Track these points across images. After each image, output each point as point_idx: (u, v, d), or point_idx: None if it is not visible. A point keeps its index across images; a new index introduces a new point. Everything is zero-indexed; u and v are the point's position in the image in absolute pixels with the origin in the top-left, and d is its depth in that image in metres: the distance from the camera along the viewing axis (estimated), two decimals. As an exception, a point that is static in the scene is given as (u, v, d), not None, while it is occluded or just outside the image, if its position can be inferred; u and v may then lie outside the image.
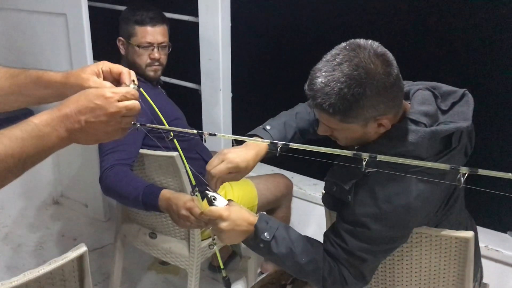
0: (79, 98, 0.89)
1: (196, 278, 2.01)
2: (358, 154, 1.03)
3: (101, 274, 2.58)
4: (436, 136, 1.22)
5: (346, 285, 1.30)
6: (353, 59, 1.14)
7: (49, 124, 0.85)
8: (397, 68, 1.19)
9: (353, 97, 1.13)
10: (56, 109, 0.87)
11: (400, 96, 1.21)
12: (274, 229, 1.29)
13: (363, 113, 1.17)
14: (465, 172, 0.95)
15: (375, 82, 1.13)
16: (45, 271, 0.96)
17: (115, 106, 0.89)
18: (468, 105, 1.29)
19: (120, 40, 2.06)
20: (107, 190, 1.76)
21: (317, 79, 1.16)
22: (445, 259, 1.36)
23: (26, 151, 0.81)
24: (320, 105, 1.17)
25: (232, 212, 1.25)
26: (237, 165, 1.33)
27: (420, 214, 1.27)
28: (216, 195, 1.28)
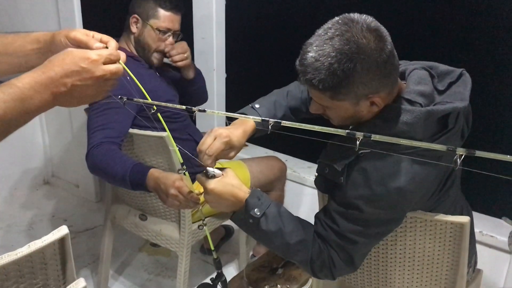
0: (64, 60, 0.85)
1: (186, 260, 1.99)
2: (351, 133, 0.99)
3: (92, 255, 2.56)
4: (432, 116, 1.18)
5: (334, 268, 1.28)
6: (344, 34, 1.10)
7: (33, 87, 0.82)
8: (391, 44, 1.14)
9: (343, 72, 1.09)
10: (39, 71, 0.83)
11: (393, 74, 1.17)
12: (265, 206, 1.26)
13: (354, 90, 1.13)
14: (462, 153, 0.91)
15: (366, 57, 1.09)
16: (23, 254, 0.92)
17: (101, 69, 0.88)
18: (466, 85, 1.25)
19: (135, 18, 1.99)
20: (93, 168, 1.72)
21: (308, 53, 1.12)
22: (440, 244, 1.33)
23: (10, 114, 0.79)
24: (310, 81, 1.13)
25: (219, 186, 1.24)
26: (230, 140, 1.32)
27: (414, 197, 1.23)
28: (215, 171, 1.26)
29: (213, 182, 1.24)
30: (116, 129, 1.76)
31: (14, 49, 1.01)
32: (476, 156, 0.93)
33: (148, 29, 1.98)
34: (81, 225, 2.85)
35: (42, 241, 0.95)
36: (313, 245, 1.28)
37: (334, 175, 1.24)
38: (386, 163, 1.18)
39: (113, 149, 1.71)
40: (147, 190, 1.61)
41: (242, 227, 1.33)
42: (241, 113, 1.43)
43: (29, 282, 0.97)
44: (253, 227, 1.27)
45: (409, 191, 1.19)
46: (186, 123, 2.10)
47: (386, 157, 1.17)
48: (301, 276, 1.99)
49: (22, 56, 1.01)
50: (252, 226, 1.27)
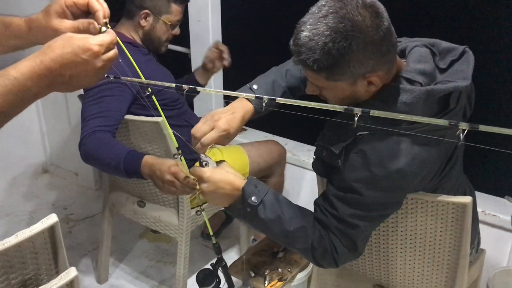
0: (64, 49, 0.81)
1: (186, 246, 1.97)
2: (349, 109, 0.95)
3: (92, 243, 2.55)
4: (432, 96, 1.14)
5: (337, 254, 1.24)
6: (339, 11, 1.05)
7: (30, 78, 0.78)
8: (388, 21, 1.10)
9: (338, 52, 1.05)
10: (37, 59, 0.79)
11: (391, 51, 1.12)
12: (262, 193, 1.22)
13: (349, 70, 1.09)
14: (465, 128, 0.87)
15: (362, 35, 1.05)
16: (11, 244, 0.89)
17: (101, 60, 0.85)
18: (468, 63, 1.21)
19: (146, 13, 1.94)
20: (86, 157, 1.69)
21: (302, 33, 1.08)
22: (442, 225, 1.30)
23: (6, 106, 0.76)
24: (304, 61, 1.09)
25: (215, 174, 1.21)
26: (228, 132, 1.28)
27: (415, 178, 1.20)
28: (209, 160, 1.23)
29: (209, 170, 1.21)
30: (111, 117, 1.72)
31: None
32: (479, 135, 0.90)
33: (161, 23, 1.97)
34: (81, 213, 2.84)
35: (31, 230, 0.93)
36: (313, 232, 1.24)
37: (331, 158, 1.21)
38: (385, 144, 1.14)
39: (107, 137, 1.67)
40: (142, 178, 1.58)
41: (240, 218, 1.29)
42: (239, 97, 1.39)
43: (19, 272, 0.95)
44: (251, 216, 1.23)
45: (409, 172, 1.15)
46: (183, 109, 2.06)
47: (385, 138, 1.14)
48: (301, 260, 1.97)
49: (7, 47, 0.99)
50: (250, 215, 1.23)
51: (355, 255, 1.27)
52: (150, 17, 1.96)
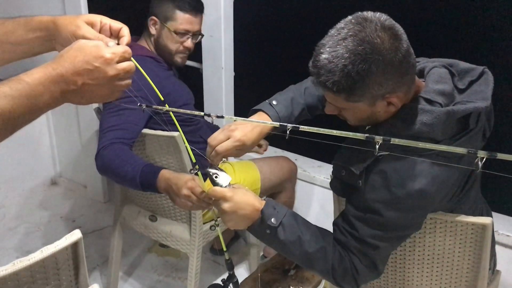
0: (76, 57, 0.82)
1: (197, 262, 1.96)
2: (370, 137, 0.96)
3: (101, 257, 2.54)
4: (452, 116, 1.14)
5: (358, 275, 1.23)
6: (358, 34, 1.06)
7: (42, 84, 0.78)
8: (407, 42, 1.11)
9: (357, 74, 1.06)
10: (50, 67, 0.80)
11: (410, 73, 1.13)
12: (281, 215, 1.22)
13: (369, 91, 1.10)
14: (483, 156, 0.88)
15: (381, 58, 1.06)
16: (36, 259, 0.89)
17: (114, 68, 0.84)
18: (488, 83, 1.21)
19: (153, 20, 1.96)
20: (102, 169, 1.68)
21: (321, 55, 1.09)
22: (460, 246, 1.30)
23: (17, 111, 0.76)
24: (324, 83, 1.09)
25: (237, 194, 1.20)
26: (243, 144, 1.29)
27: (436, 199, 1.19)
28: (218, 172, 1.22)
29: (231, 190, 1.20)
30: (129, 130, 1.73)
31: (16, 38, 0.97)
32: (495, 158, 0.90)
33: (166, 31, 1.94)
34: (90, 226, 2.83)
35: (55, 246, 0.93)
36: (333, 252, 1.24)
37: (351, 178, 1.21)
38: (406, 165, 1.14)
39: (123, 149, 1.68)
40: (158, 191, 1.58)
41: (259, 238, 1.29)
42: (258, 109, 1.40)
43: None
44: (271, 237, 1.23)
45: (430, 193, 1.15)
46: (199, 126, 2.06)
47: (405, 158, 1.13)
48: (313, 277, 1.95)
49: (25, 44, 0.98)
50: (270, 236, 1.22)
51: (375, 275, 1.26)
52: (157, 24, 1.96)
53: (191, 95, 2.08)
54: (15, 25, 0.96)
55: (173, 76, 2.05)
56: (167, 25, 1.93)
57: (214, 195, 1.21)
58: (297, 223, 1.23)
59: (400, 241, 1.27)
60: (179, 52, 1.99)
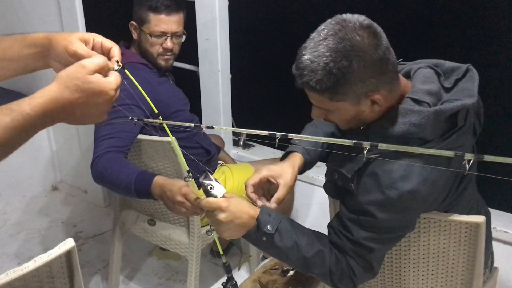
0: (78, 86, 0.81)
1: (196, 265, 1.97)
2: (358, 143, 0.98)
3: (102, 261, 2.55)
4: (440, 115, 1.16)
5: (355, 277, 1.24)
6: (338, 33, 1.08)
7: (43, 115, 0.79)
8: (386, 41, 1.12)
9: (339, 71, 1.07)
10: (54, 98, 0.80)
11: (391, 70, 1.14)
12: (277, 221, 1.22)
13: (352, 89, 1.11)
14: (470, 158, 0.89)
15: (361, 54, 1.07)
16: (30, 269, 0.90)
17: (111, 102, 0.86)
18: (473, 80, 1.22)
19: (132, 25, 1.96)
20: (98, 178, 1.70)
21: (303, 56, 1.11)
22: (455, 245, 1.30)
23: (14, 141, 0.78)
24: (307, 83, 1.11)
25: (232, 204, 1.19)
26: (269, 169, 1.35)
27: (428, 199, 1.20)
28: (213, 183, 1.20)
29: (226, 200, 1.19)
30: (123, 138, 1.73)
31: (11, 55, 0.97)
32: (489, 153, 0.91)
33: (144, 34, 1.92)
34: (91, 230, 2.84)
35: (48, 255, 0.93)
36: (329, 255, 1.25)
37: (344, 181, 1.22)
38: (397, 166, 1.15)
39: (118, 158, 1.69)
40: (153, 198, 1.59)
41: (256, 246, 1.30)
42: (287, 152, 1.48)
43: (36, 297, 0.96)
44: (268, 244, 1.23)
45: (422, 193, 1.16)
46: (194, 131, 2.06)
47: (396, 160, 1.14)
48: (312, 279, 1.96)
49: (21, 60, 0.98)
50: (267, 243, 1.23)
51: (371, 276, 1.27)
52: (137, 29, 1.95)
53: (185, 100, 2.08)
54: (11, 42, 0.97)
55: (167, 82, 2.05)
56: (144, 28, 1.92)
57: (209, 207, 1.19)
58: (293, 228, 1.24)
59: (394, 241, 1.27)
60: (160, 54, 1.95)
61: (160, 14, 1.89)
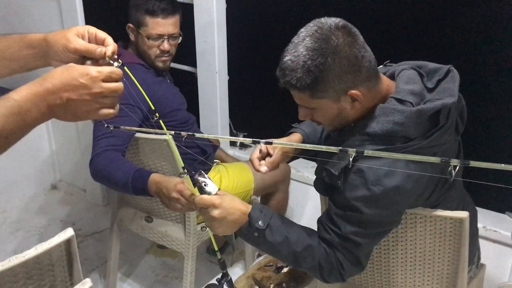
0: (63, 73, 0.86)
1: (192, 261, 2.01)
2: (344, 150, 1.03)
3: (100, 258, 2.59)
4: (423, 114, 1.21)
5: (343, 270, 1.29)
6: (314, 33, 1.16)
7: (30, 100, 0.82)
8: (362, 40, 1.20)
9: (316, 68, 1.15)
10: (37, 83, 0.84)
11: (368, 68, 1.20)
12: (268, 217, 1.27)
13: (330, 86, 1.18)
14: (456, 164, 0.94)
15: (337, 51, 1.15)
16: (31, 256, 0.95)
17: (99, 86, 0.87)
18: (454, 80, 1.28)
19: (129, 27, 1.98)
20: (96, 175, 1.74)
21: (285, 57, 1.19)
22: (440, 240, 1.35)
23: (8, 128, 0.80)
24: (289, 82, 1.18)
25: (225, 201, 1.24)
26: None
27: (412, 195, 1.25)
28: (207, 180, 1.25)
29: (219, 197, 1.24)
30: (121, 137, 1.78)
31: (10, 54, 1.01)
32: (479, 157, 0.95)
33: (141, 37, 1.95)
34: (89, 228, 2.88)
35: (49, 243, 0.98)
36: (319, 250, 1.29)
37: (331, 179, 1.27)
38: (382, 163, 1.19)
39: (115, 155, 1.73)
40: (149, 195, 1.63)
41: (248, 241, 1.35)
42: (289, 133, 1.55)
43: (37, 284, 1.00)
44: (259, 240, 1.28)
45: (406, 189, 1.21)
46: (192, 130, 2.10)
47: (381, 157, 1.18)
48: (306, 275, 2.00)
49: (20, 60, 1.02)
50: (258, 239, 1.28)
51: (359, 270, 1.32)
52: (134, 31, 1.98)
53: (182, 100, 2.13)
54: (10, 42, 1.01)
55: (164, 82, 2.08)
56: (141, 31, 1.94)
57: (203, 203, 1.24)
58: (283, 224, 1.29)
59: (381, 236, 1.32)
60: (158, 56, 1.99)
61: (157, 17, 1.92)
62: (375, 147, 1.19)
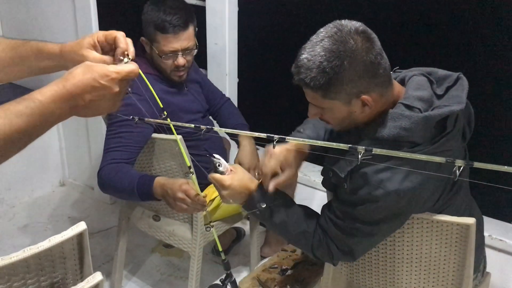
0: (84, 75, 0.88)
1: (198, 260, 2.03)
2: (353, 147, 1.07)
3: (106, 256, 2.61)
4: (430, 121, 1.23)
5: (332, 257, 1.39)
6: (334, 35, 1.18)
7: (54, 101, 0.85)
8: (379, 46, 1.21)
9: (332, 70, 1.16)
10: (60, 84, 0.86)
11: (382, 75, 1.22)
12: (271, 199, 1.36)
13: (343, 88, 1.19)
14: (461, 165, 0.95)
15: (354, 56, 1.16)
16: (44, 248, 0.97)
17: (118, 85, 0.90)
18: (463, 88, 1.29)
19: (143, 41, 1.92)
20: (103, 187, 1.79)
21: (302, 55, 1.20)
22: (446, 245, 1.36)
23: (31, 127, 0.82)
24: (303, 80, 1.20)
25: (234, 181, 1.35)
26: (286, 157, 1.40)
27: (415, 199, 1.26)
28: (221, 161, 1.36)
29: (229, 178, 1.34)
30: (127, 151, 1.81)
31: (29, 63, 1.06)
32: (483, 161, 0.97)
33: (155, 52, 1.88)
34: (96, 226, 2.91)
35: (62, 236, 1.00)
36: (314, 235, 1.39)
37: (337, 180, 1.30)
38: (386, 167, 1.21)
39: (120, 166, 1.76)
40: (156, 199, 1.66)
41: (252, 215, 1.48)
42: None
43: (49, 275, 1.02)
44: (260, 217, 1.40)
45: (408, 194, 1.23)
46: (205, 138, 2.06)
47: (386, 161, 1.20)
48: (310, 278, 2.01)
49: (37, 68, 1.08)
50: (259, 216, 1.39)
51: (350, 259, 1.40)
52: (148, 45, 1.92)
53: (198, 107, 2.09)
54: (28, 52, 1.05)
55: (178, 93, 2.03)
56: (153, 47, 1.88)
57: (215, 182, 1.35)
58: (284, 207, 1.38)
59: (380, 236, 1.36)
60: (173, 70, 1.92)
61: (168, 34, 1.83)
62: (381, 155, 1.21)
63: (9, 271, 0.93)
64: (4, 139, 0.79)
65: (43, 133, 0.87)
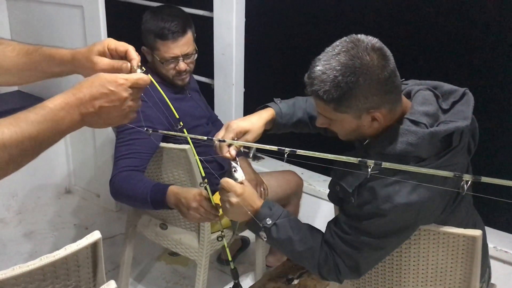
0: (93, 82, 0.91)
1: (205, 269, 2.04)
2: (363, 161, 1.08)
3: (111, 263, 2.63)
4: (435, 136, 1.24)
5: (340, 274, 1.37)
6: (350, 50, 1.18)
7: (64, 108, 0.87)
8: (393, 64, 1.22)
9: (346, 85, 1.17)
10: (70, 93, 0.89)
11: (394, 92, 1.23)
12: (276, 216, 1.35)
13: (355, 103, 1.20)
14: (468, 179, 0.97)
15: (369, 73, 1.17)
16: (60, 256, 0.99)
17: (127, 91, 0.93)
18: (468, 104, 1.31)
19: (144, 50, 1.98)
20: (115, 195, 1.80)
21: (316, 67, 1.21)
22: (452, 257, 1.37)
23: (42, 134, 0.84)
24: (316, 92, 1.21)
25: (246, 192, 1.32)
26: (239, 126, 1.41)
27: (422, 213, 1.28)
28: (237, 167, 1.34)
29: (242, 187, 1.32)
30: (138, 158, 1.82)
31: (42, 69, 1.09)
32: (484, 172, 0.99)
33: (156, 59, 1.95)
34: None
35: (77, 245, 1.02)
36: (320, 252, 1.37)
37: (344, 194, 1.32)
38: (393, 181, 1.23)
39: (132, 174, 1.78)
40: (169, 207, 1.67)
41: (255, 234, 1.42)
42: (264, 105, 1.57)
43: (63, 283, 1.04)
44: (265, 234, 1.36)
45: (415, 207, 1.24)
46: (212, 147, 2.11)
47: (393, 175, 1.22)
48: (316, 287, 2.03)
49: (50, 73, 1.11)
50: (264, 233, 1.36)
51: (356, 276, 1.39)
52: (149, 53, 1.97)
53: (203, 113, 2.14)
54: (40, 58, 1.08)
55: (183, 99, 2.08)
56: (154, 54, 1.94)
57: (227, 186, 1.32)
58: (289, 224, 1.36)
59: (386, 251, 1.37)
60: (175, 75, 1.98)
61: (167, 41, 1.89)
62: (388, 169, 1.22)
63: (25, 278, 0.95)
64: (16, 146, 0.80)
65: (54, 142, 0.89)
